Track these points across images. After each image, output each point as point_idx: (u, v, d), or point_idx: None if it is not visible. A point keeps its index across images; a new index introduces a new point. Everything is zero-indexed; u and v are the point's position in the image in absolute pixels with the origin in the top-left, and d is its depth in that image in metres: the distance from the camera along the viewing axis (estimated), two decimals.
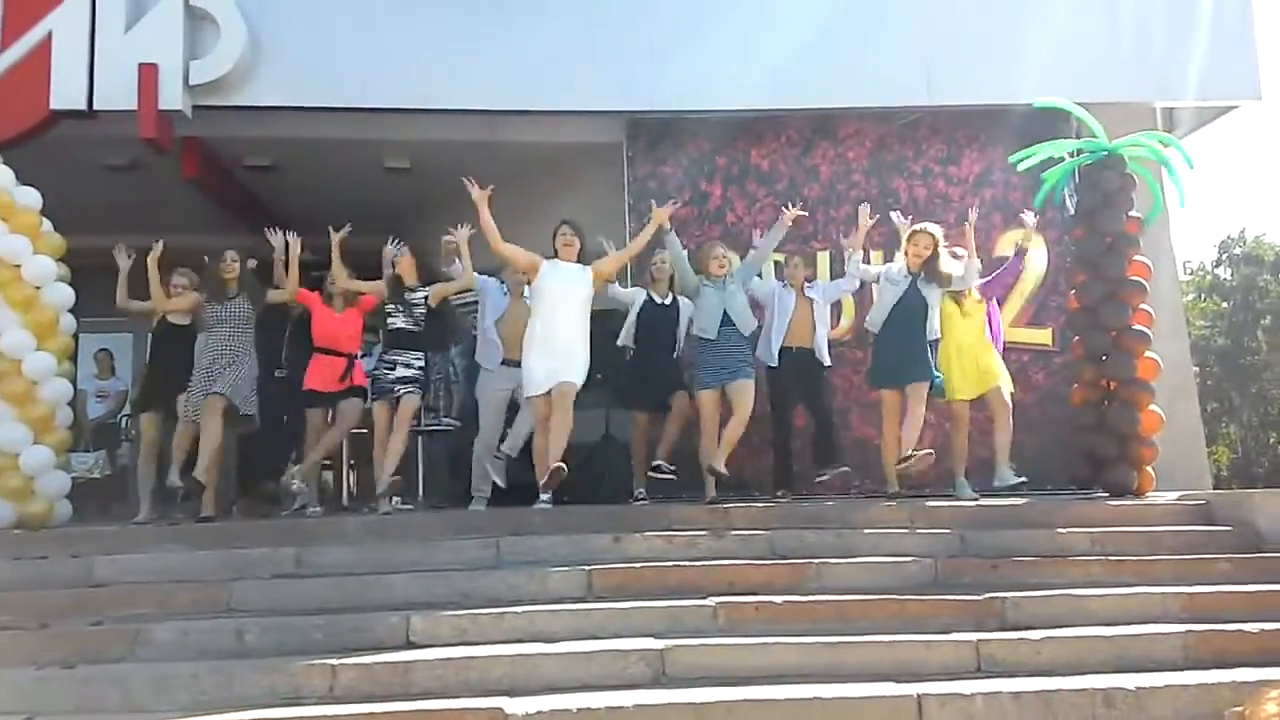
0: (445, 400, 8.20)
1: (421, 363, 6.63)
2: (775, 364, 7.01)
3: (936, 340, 6.62)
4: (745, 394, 6.46)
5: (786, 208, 7.02)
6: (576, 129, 8.39)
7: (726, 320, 6.61)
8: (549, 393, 6.13)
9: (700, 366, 6.65)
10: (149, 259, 6.68)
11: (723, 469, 6.38)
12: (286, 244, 6.84)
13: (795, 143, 8.49)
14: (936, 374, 6.51)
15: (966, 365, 6.65)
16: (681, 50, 8.01)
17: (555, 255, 6.40)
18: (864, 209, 7.07)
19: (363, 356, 7.27)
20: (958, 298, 6.74)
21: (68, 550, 5.25)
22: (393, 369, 6.57)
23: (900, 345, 6.49)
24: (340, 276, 6.87)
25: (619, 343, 7.05)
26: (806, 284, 7.19)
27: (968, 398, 6.70)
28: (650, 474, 6.66)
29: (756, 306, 7.07)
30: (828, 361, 7.14)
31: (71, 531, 5.91)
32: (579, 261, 6.40)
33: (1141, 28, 8.26)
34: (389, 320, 6.70)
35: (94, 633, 4.35)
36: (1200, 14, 8.30)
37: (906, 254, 6.63)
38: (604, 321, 6.84)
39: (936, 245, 6.55)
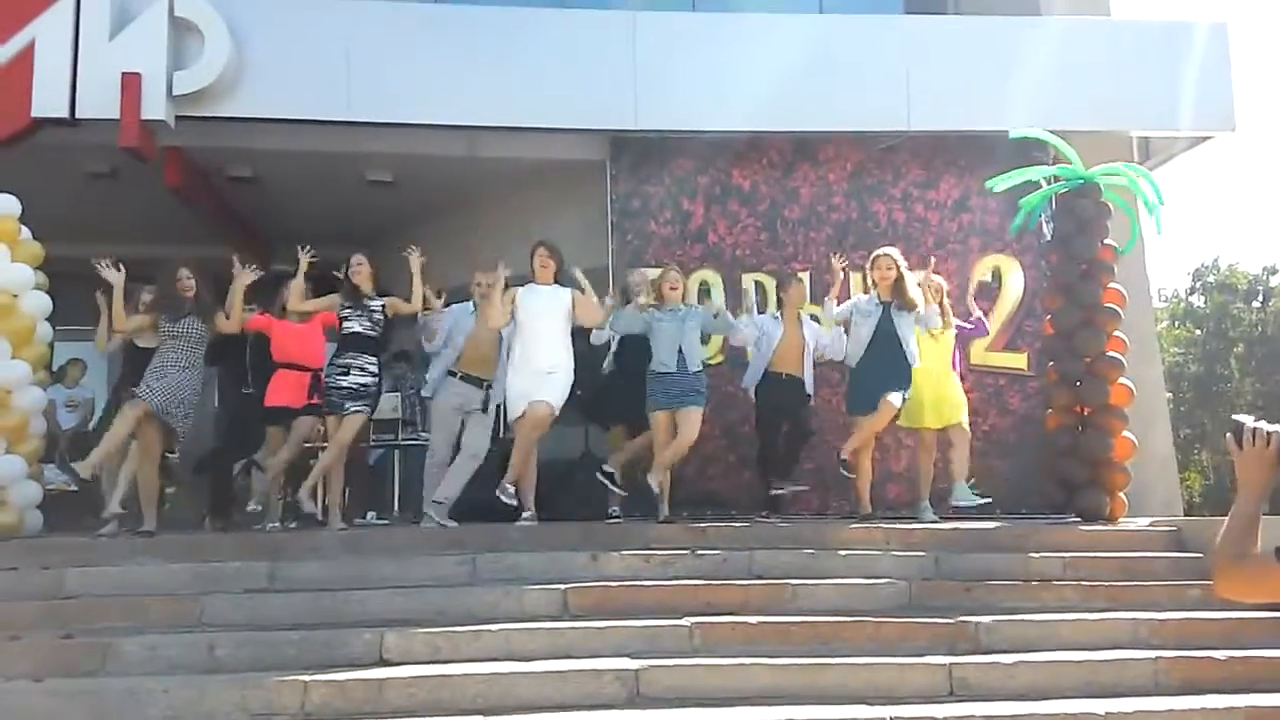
0: (420, 415, 8.19)
1: (375, 367, 6.53)
2: (753, 392, 7.09)
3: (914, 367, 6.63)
4: (692, 422, 6.43)
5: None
6: (560, 146, 8.41)
7: (680, 352, 6.54)
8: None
9: (653, 391, 6.58)
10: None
11: (655, 484, 6.40)
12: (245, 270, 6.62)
13: (777, 164, 8.55)
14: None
15: (930, 393, 6.73)
16: (665, 71, 8.08)
17: (532, 277, 6.43)
18: (836, 261, 7.10)
19: None
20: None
21: (39, 561, 5.19)
22: (346, 374, 6.45)
23: (880, 368, 6.52)
24: (296, 298, 6.68)
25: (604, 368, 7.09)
26: (803, 316, 7.21)
27: (932, 427, 6.79)
28: (598, 473, 6.67)
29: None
30: (811, 391, 7.19)
31: (43, 542, 5.85)
32: (556, 282, 6.43)
33: (1118, 58, 8.40)
34: (344, 324, 6.61)
35: (64, 645, 4.31)
36: (1176, 46, 8.44)
37: (874, 282, 6.67)
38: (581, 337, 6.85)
39: (899, 267, 6.61)
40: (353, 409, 6.41)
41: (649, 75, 8.06)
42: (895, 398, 6.42)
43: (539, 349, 6.23)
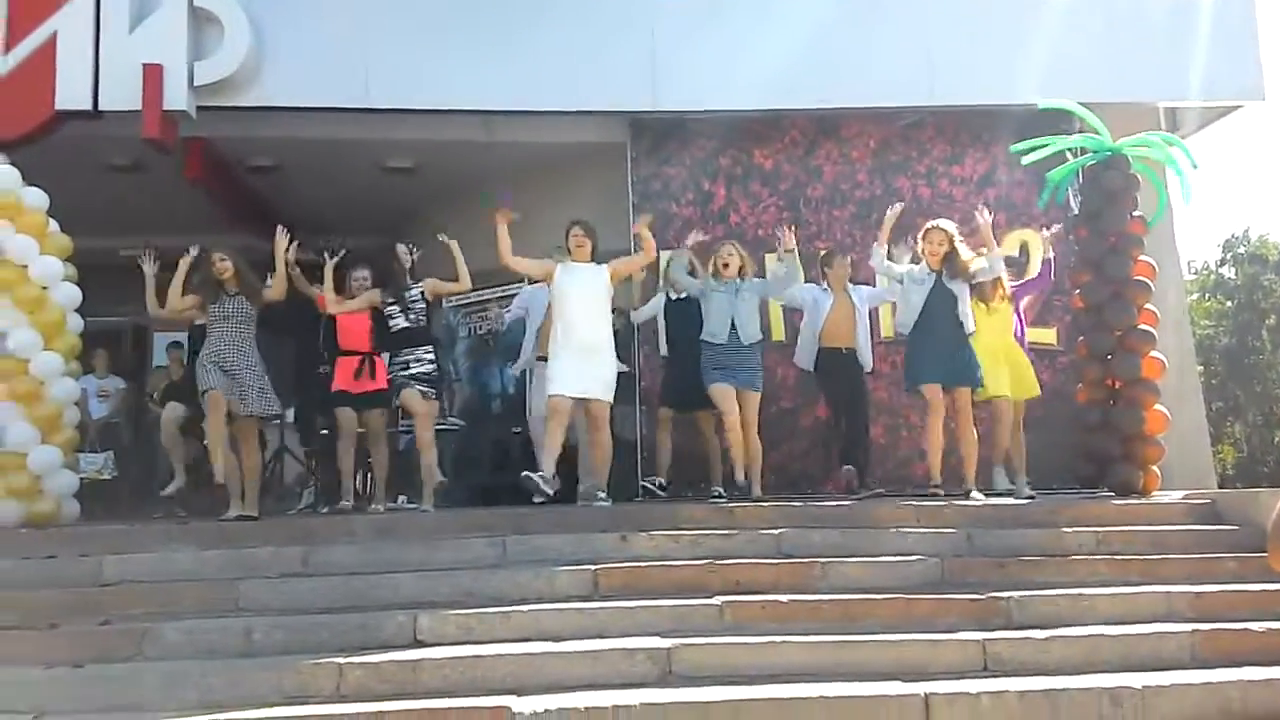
0: (448, 400, 8.23)
1: (432, 357, 6.68)
2: (812, 368, 7.11)
3: (971, 334, 6.54)
4: (753, 407, 6.57)
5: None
6: (580, 129, 8.40)
7: (734, 325, 6.62)
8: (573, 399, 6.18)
9: (706, 366, 6.61)
10: (181, 263, 6.53)
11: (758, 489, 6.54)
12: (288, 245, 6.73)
13: (799, 143, 8.50)
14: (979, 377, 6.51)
15: (998, 364, 6.66)
16: (684, 51, 8.03)
17: (569, 256, 6.43)
18: (894, 208, 7.00)
19: None
20: (984, 295, 6.74)
21: (76, 549, 5.25)
22: (405, 368, 6.62)
23: (938, 342, 6.42)
24: (332, 303, 6.77)
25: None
26: (851, 285, 7.18)
27: (1007, 395, 6.72)
28: (643, 484, 6.71)
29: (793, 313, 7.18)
30: (869, 365, 7.16)
31: (80, 531, 5.91)
32: (593, 260, 6.43)
33: (1145, 28, 8.27)
34: (391, 322, 6.70)
35: (102, 632, 4.35)
36: (1203, 15, 8.29)
37: (924, 254, 6.61)
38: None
39: (952, 240, 6.53)
40: (420, 391, 6.58)
41: (668, 56, 8.02)
42: (966, 393, 6.39)
43: (579, 328, 6.23)
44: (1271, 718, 3.75)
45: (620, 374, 6.62)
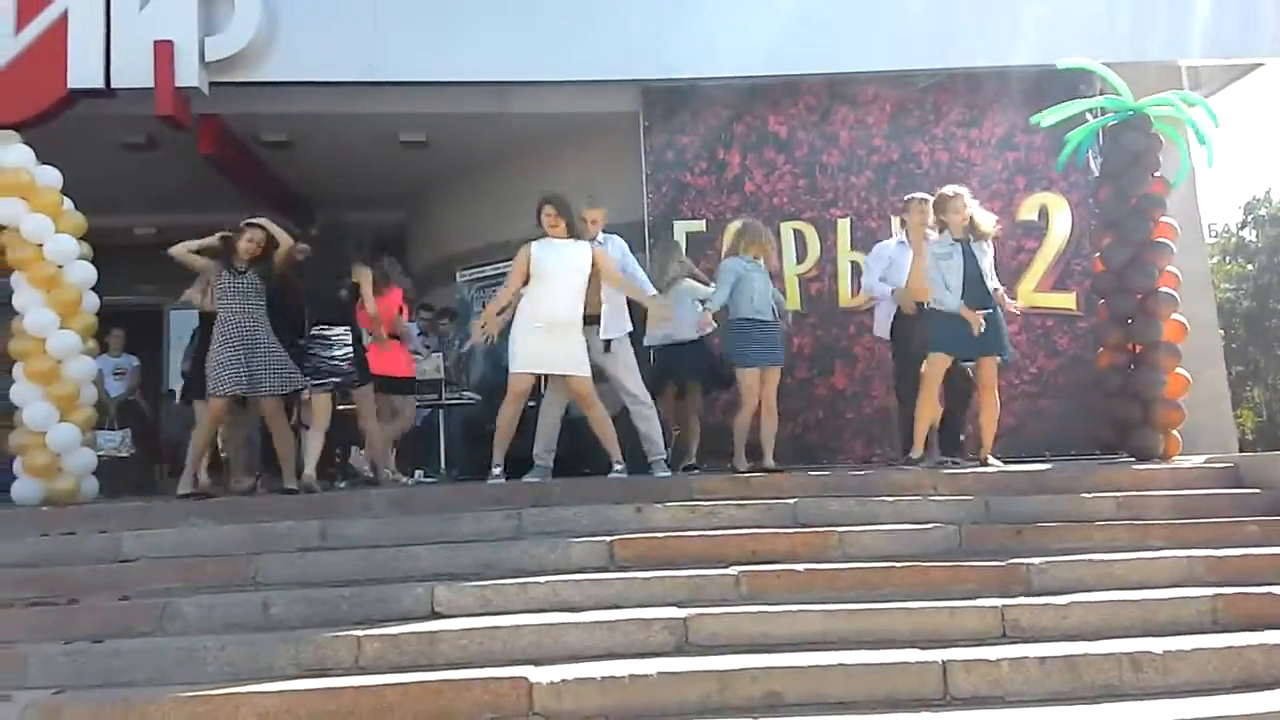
0: (464, 374, 8.25)
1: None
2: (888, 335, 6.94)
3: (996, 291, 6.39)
4: (775, 382, 6.53)
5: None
6: (592, 99, 8.32)
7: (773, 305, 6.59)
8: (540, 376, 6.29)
9: (747, 342, 6.46)
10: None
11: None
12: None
13: (814, 109, 8.40)
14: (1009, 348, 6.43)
15: None
16: (696, 17, 7.92)
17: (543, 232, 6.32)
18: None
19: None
20: None
21: (96, 526, 5.28)
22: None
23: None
24: (370, 302, 6.69)
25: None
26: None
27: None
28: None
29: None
30: None
31: (99, 508, 5.95)
32: (572, 237, 6.29)
33: None
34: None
35: (122, 608, 4.38)
36: None
37: (946, 223, 6.36)
38: None
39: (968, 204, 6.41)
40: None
41: (679, 22, 7.91)
42: (992, 364, 6.30)
43: (550, 302, 6.13)
44: None
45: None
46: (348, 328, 6.40)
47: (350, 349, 6.38)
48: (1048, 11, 7.93)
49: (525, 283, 6.22)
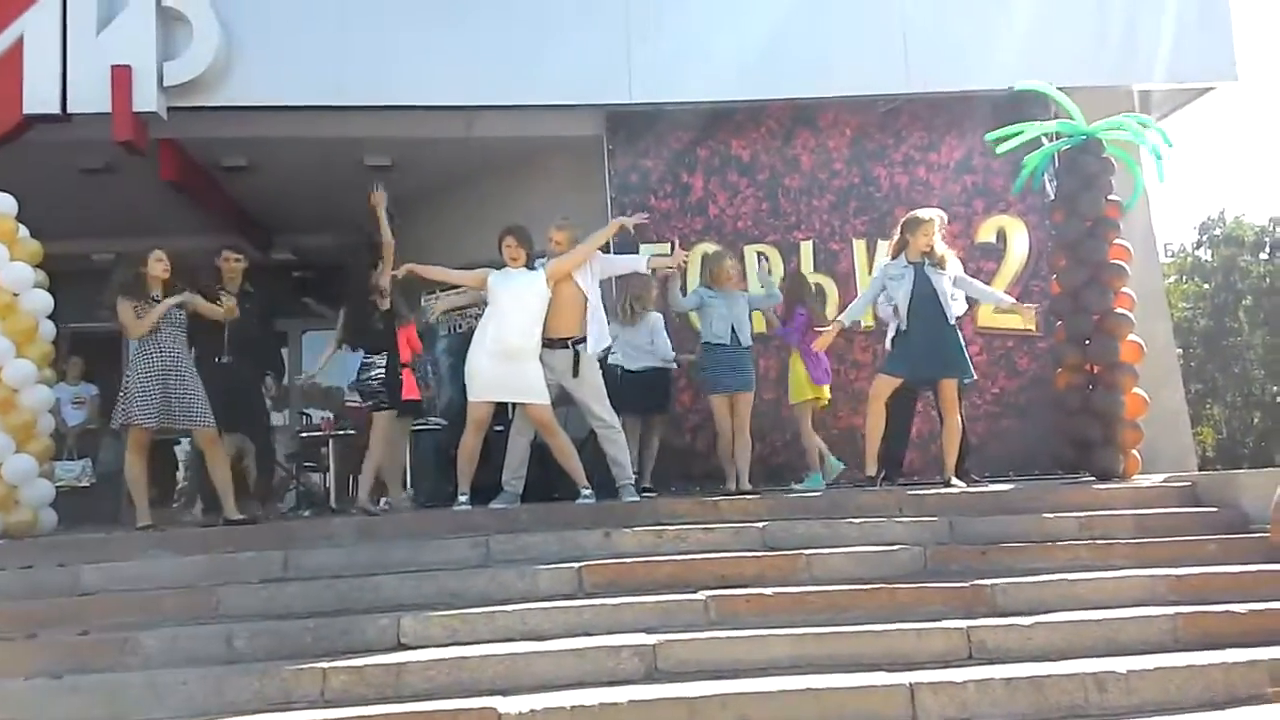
0: (432, 399, 8.19)
1: None
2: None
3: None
4: (747, 405, 6.74)
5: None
6: (556, 123, 8.36)
7: (733, 329, 6.78)
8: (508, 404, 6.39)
9: (712, 366, 6.79)
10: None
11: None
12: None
13: (775, 133, 8.49)
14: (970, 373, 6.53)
15: None
16: (659, 42, 8.01)
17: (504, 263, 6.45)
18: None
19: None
20: None
21: (54, 559, 5.19)
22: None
23: (925, 335, 6.34)
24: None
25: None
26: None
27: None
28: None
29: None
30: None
31: (58, 540, 5.86)
32: (528, 266, 6.44)
33: (1115, 11, 8.31)
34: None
35: (82, 642, 4.30)
36: None
37: (907, 245, 6.47)
38: None
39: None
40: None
41: (643, 47, 8.00)
42: (952, 385, 6.39)
43: (507, 331, 6.21)
44: (1255, 699, 3.77)
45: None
46: (384, 354, 6.68)
47: (383, 371, 6.63)
48: (1005, 37, 8.09)
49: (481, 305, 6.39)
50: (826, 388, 7.28)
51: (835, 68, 8.10)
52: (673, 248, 7.28)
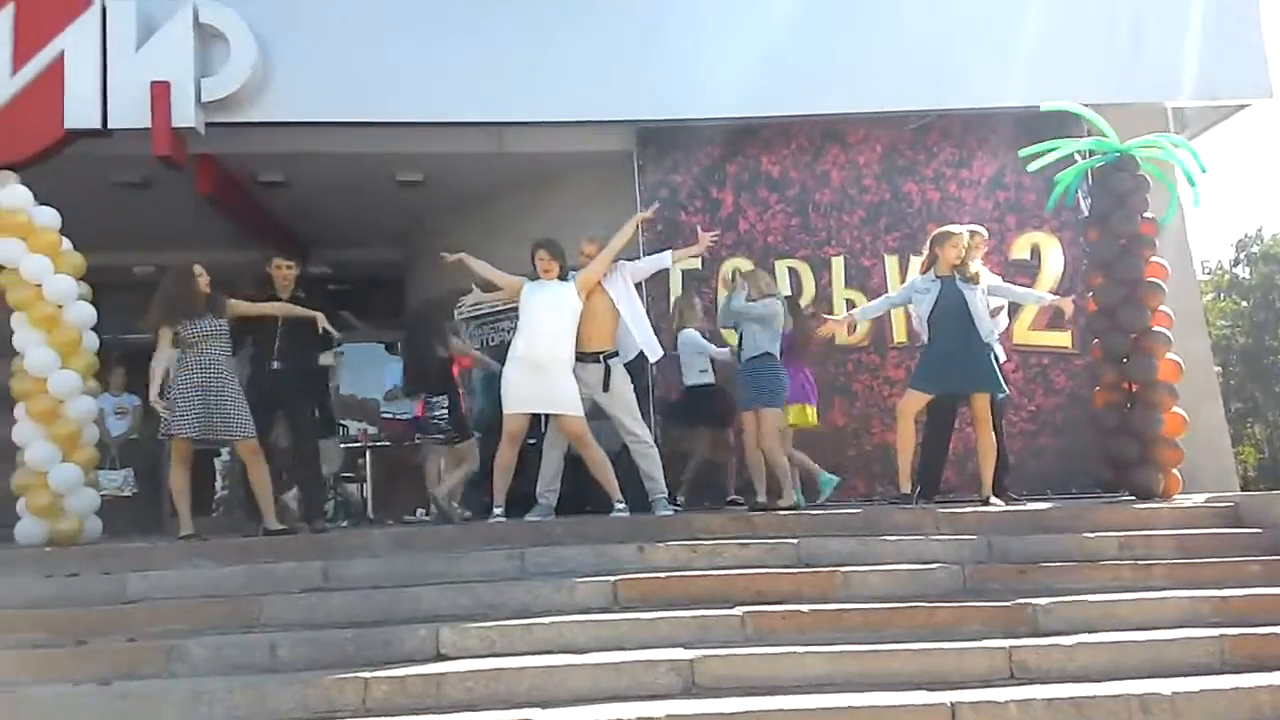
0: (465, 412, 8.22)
1: None
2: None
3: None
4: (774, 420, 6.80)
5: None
6: (586, 139, 8.42)
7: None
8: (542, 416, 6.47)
9: (764, 381, 6.70)
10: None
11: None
12: None
13: (806, 149, 8.50)
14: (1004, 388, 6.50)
15: None
16: (689, 59, 8.02)
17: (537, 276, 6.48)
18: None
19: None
20: None
21: (99, 567, 5.25)
22: None
23: (952, 349, 6.33)
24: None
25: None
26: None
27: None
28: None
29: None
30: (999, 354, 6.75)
31: (103, 548, 5.92)
32: (561, 279, 6.46)
33: (1150, 28, 8.24)
34: None
35: (129, 649, 4.35)
36: (1208, 12, 8.26)
37: (937, 259, 6.47)
38: None
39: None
40: None
41: (673, 63, 8.01)
42: (984, 400, 6.35)
43: (538, 344, 6.25)
44: None
45: None
46: (445, 395, 7.22)
47: (446, 411, 7.18)
48: (1036, 53, 8.05)
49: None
50: (810, 408, 7.24)
51: (865, 84, 8.08)
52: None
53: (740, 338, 6.88)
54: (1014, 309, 7.82)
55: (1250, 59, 8.29)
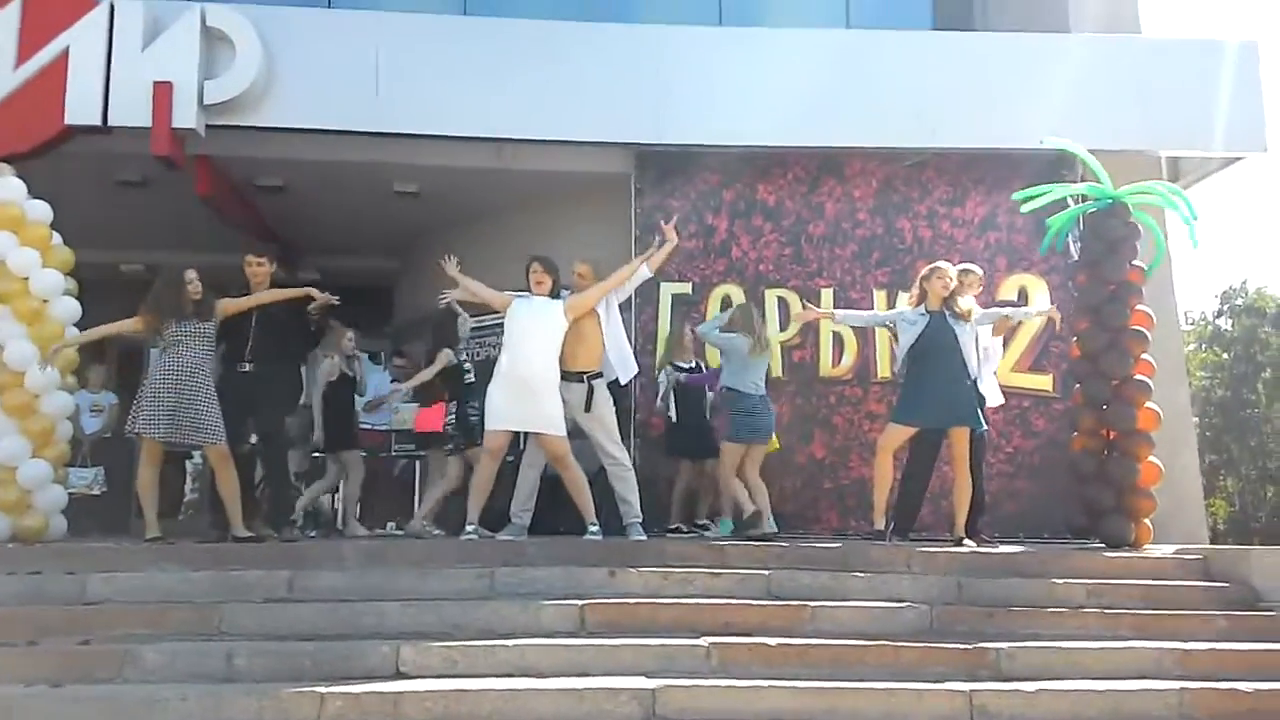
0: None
1: None
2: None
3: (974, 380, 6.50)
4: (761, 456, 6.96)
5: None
6: (585, 159, 8.44)
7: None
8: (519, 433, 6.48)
9: (743, 412, 6.82)
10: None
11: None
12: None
13: (802, 180, 8.54)
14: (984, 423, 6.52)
15: None
16: (691, 85, 8.09)
17: (529, 291, 6.49)
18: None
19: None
20: None
21: (63, 566, 5.21)
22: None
23: (935, 383, 6.36)
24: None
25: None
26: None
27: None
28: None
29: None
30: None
31: (68, 547, 5.89)
32: (553, 295, 6.48)
33: (1147, 78, 8.32)
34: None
35: (83, 652, 4.32)
36: (1206, 65, 8.35)
37: (925, 293, 6.54)
38: None
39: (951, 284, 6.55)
40: None
41: (675, 89, 8.08)
42: (963, 437, 6.36)
43: (522, 361, 6.23)
44: None
45: None
46: (456, 401, 7.34)
47: (454, 418, 7.32)
48: (1034, 99, 8.12)
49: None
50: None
51: (863, 120, 8.14)
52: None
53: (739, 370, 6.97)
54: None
55: (1248, 113, 8.33)
